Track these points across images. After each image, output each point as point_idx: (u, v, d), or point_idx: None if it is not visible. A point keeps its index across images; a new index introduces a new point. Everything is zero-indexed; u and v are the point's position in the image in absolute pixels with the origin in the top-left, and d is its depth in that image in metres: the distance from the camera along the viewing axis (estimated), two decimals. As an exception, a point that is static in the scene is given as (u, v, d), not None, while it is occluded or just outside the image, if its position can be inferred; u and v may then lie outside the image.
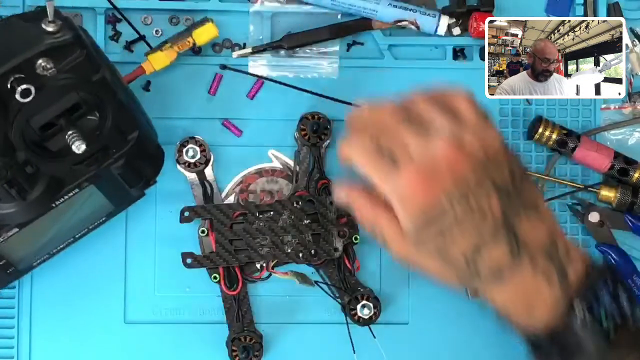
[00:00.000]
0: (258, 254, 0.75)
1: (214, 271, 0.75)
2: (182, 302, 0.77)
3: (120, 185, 0.69)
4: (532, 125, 0.78)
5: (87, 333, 0.76)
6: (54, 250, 0.72)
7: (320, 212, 0.75)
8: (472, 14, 0.77)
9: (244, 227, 0.75)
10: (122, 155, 0.66)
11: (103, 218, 0.72)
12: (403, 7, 0.77)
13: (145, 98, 0.75)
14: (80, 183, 0.66)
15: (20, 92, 0.56)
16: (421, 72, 0.79)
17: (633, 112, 0.80)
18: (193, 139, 0.75)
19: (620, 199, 0.78)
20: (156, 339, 0.76)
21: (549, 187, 0.79)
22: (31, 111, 0.58)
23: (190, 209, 0.75)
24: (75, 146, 0.60)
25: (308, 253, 0.75)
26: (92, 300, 0.76)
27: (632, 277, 0.78)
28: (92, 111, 0.62)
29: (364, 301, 0.76)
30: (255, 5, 0.77)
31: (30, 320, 0.76)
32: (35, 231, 0.68)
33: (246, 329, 0.76)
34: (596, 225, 0.79)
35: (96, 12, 0.76)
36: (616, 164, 0.78)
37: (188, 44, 0.73)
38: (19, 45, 0.57)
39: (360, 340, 0.76)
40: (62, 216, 0.68)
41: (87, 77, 0.59)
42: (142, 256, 0.77)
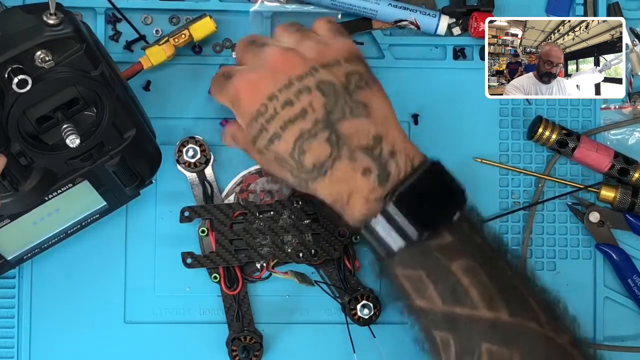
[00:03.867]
0: (258, 254, 0.75)
1: (214, 271, 0.75)
2: (182, 302, 0.77)
3: (114, 184, 0.69)
4: (532, 125, 0.78)
5: (87, 333, 0.76)
6: (46, 245, 0.72)
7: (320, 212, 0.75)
8: (472, 14, 0.77)
9: (244, 227, 0.75)
10: (118, 153, 0.66)
11: (96, 216, 0.72)
12: (403, 7, 0.77)
13: (145, 98, 0.75)
14: (74, 178, 0.66)
15: (17, 82, 0.56)
16: (421, 72, 0.79)
17: (633, 112, 0.80)
18: (193, 139, 0.75)
19: (620, 199, 0.78)
20: (156, 339, 0.76)
21: (549, 187, 0.79)
22: (28, 102, 0.59)
23: (190, 209, 0.75)
24: (69, 140, 0.60)
25: (308, 253, 0.75)
26: (92, 300, 0.76)
27: (632, 277, 0.78)
28: (90, 107, 0.62)
29: (364, 301, 0.75)
30: (255, 5, 0.77)
31: (30, 319, 0.76)
32: (27, 224, 0.68)
33: (246, 329, 0.76)
34: (596, 225, 0.79)
35: (96, 12, 0.76)
36: (616, 164, 0.78)
37: (184, 36, 0.73)
38: (19, 36, 0.57)
39: (360, 340, 0.76)
40: (54, 210, 0.68)
41: (85, 71, 0.59)
42: (142, 256, 0.77)
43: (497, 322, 0.60)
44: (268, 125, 0.63)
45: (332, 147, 0.62)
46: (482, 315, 0.60)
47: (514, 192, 0.79)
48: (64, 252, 0.75)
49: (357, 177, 0.62)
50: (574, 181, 0.79)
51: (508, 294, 0.60)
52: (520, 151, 0.79)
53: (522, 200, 0.79)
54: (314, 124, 0.62)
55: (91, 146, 0.64)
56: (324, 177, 0.62)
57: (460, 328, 0.60)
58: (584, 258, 0.80)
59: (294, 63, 0.63)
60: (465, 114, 0.79)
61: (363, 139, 0.62)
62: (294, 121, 0.62)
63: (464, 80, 0.79)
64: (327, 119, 0.62)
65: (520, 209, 0.79)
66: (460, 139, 0.79)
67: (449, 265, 0.60)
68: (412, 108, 0.79)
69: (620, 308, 0.79)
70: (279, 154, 0.63)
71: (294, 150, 0.62)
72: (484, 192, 0.79)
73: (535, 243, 0.79)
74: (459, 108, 0.79)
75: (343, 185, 0.62)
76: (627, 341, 0.79)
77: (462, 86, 0.79)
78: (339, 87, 0.63)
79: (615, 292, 0.79)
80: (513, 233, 0.79)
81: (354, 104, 0.62)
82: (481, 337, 0.60)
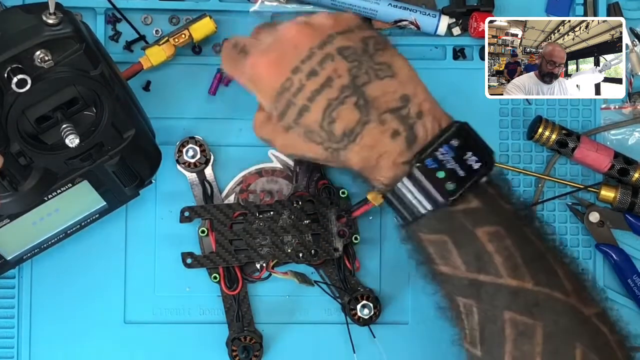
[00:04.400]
0: (258, 254, 0.75)
1: (214, 271, 0.75)
2: (182, 302, 0.77)
3: (114, 184, 0.69)
4: (532, 125, 0.78)
5: (87, 333, 0.76)
6: (46, 245, 0.72)
7: (320, 212, 0.75)
8: (472, 14, 0.77)
9: (244, 227, 0.75)
10: (117, 153, 0.66)
11: (96, 216, 0.72)
12: (403, 7, 0.77)
13: (145, 98, 0.75)
14: (74, 178, 0.66)
15: (17, 82, 0.56)
16: (421, 72, 0.78)
17: (633, 112, 0.80)
18: (193, 139, 0.75)
19: (620, 199, 0.78)
20: (156, 339, 0.77)
21: (549, 187, 0.79)
22: (27, 102, 0.59)
23: (190, 209, 0.75)
24: (68, 140, 0.60)
25: (308, 253, 0.75)
26: (92, 300, 0.76)
27: (632, 277, 0.78)
28: (89, 106, 0.62)
29: (364, 301, 0.76)
30: (255, 5, 0.77)
31: (30, 320, 0.76)
32: (27, 224, 0.68)
33: (246, 329, 0.76)
34: (596, 225, 0.79)
35: (96, 12, 0.76)
36: (616, 164, 0.78)
37: (184, 36, 0.73)
38: (18, 36, 0.57)
39: (360, 340, 0.76)
40: (54, 210, 0.68)
41: (85, 71, 0.59)
42: (142, 256, 0.77)
43: (521, 291, 0.58)
44: (295, 99, 0.61)
45: (360, 111, 0.61)
46: (506, 283, 0.59)
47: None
48: (64, 252, 0.75)
49: (386, 141, 0.61)
50: (573, 181, 0.79)
51: (534, 263, 0.59)
52: (520, 151, 0.79)
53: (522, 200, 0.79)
54: (341, 91, 0.61)
55: (90, 146, 0.64)
56: (354, 144, 0.61)
57: (484, 295, 0.59)
58: (584, 258, 0.80)
59: (311, 34, 0.62)
60: (465, 114, 0.79)
61: (391, 100, 0.61)
62: (320, 91, 0.61)
63: (464, 80, 0.79)
64: (354, 84, 0.61)
65: (520, 209, 0.79)
66: (460, 139, 0.79)
67: (475, 231, 0.59)
68: (412, 108, 0.78)
69: (620, 308, 0.79)
70: (308, 127, 0.62)
71: (323, 120, 0.61)
72: (484, 192, 0.79)
73: (535, 243, 0.79)
74: (459, 108, 0.78)
75: (373, 150, 0.61)
76: (627, 341, 0.79)
77: (462, 86, 0.79)
78: (360, 51, 0.62)
79: (615, 292, 0.79)
80: (513, 233, 0.79)
81: (377, 65, 0.61)
82: (504, 306, 0.59)
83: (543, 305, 0.58)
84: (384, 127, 0.60)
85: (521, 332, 0.58)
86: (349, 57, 0.61)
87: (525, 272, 0.59)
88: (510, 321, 0.58)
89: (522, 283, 0.59)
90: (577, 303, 0.59)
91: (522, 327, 0.58)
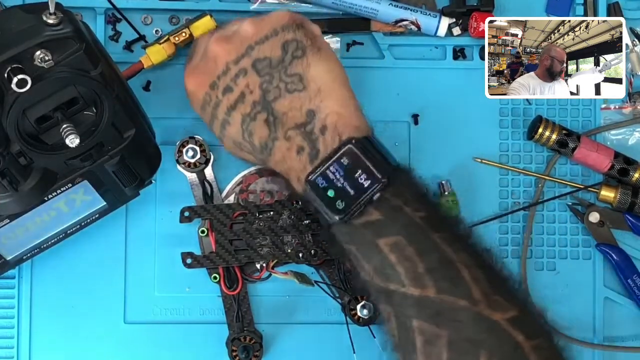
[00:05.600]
0: (258, 254, 0.75)
1: (214, 271, 0.75)
2: (182, 302, 0.77)
3: (114, 184, 0.69)
4: (532, 125, 0.78)
5: (87, 333, 0.76)
6: (46, 245, 0.72)
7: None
8: (472, 14, 0.77)
9: (244, 227, 0.75)
10: (117, 153, 0.66)
11: (96, 216, 0.72)
12: (403, 7, 0.77)
13: (145, 98, 0.75)
14: (74, 178, 0.66)
15: (17, 82, 0.56)
16: (421, 72, 0.79)
17: (633, 112, 0.80)
18: (193, 139, 0.75)
19: (620, 199, 0.78)
20: (156, 339, 0.76)
21: (549, 187, 0.79)
22: (27, 102, 0.59)
23: (190, 209, 0.75)
24: (68, 140, 0.60)
25: (308, 253, 0.75)
26: (92, 300, 0.76)
27: (632, 277, 0.78)
28: (90, 106, 0.62)
29: (364, 301, 0.75)
30: (255, 5, 0.77)
31: (30, 320, 0.76)
32: (26, 223, 0.68)
33: (246, 329, 0.76)
34: (596, 225, 0.79)
35: (96, 12, 0.76)
36: (616, 164, 0.78)
37: (184, 35, 0.73)
38: (18, 36, 0.57)
39: (360, 340, 0.76)
40: (54, 210, 0.68)
41: (85, 71, 0.59)
42: (142, 256, 0.77)
43: (424, 300, 0.59)
44: (216, 112, 0.65)
45: (269, 128, 0.63)
46: (410, 292, 0.59)
47: (514, 192, 0.79)
48: (64, 252, 0.75)
49: (292, 156, 0.63)
50: (574, 181, 0.79)
51: (437, 271, 0.59)
52: (520, 151, 0.79)
53: (522, 200, 0.79)
54: (253, 107, 0.63)
55: (91, 146, 0.64)
56: (269, 157, 0.64)
57: (395, 304, 0.60)
58: (584, 258, 0.80)
59: (230, 47, 0.64)
60: (465, 114, 0.79)
61: (297, 116, 0.63)
62: (235, 106, 0.64)
63: (464, 81, 0.79)
64: (264, 99, 0.63)
65: (520, 209, 0.79)
66: (460, 139, 0.79)
67: (377, 242, 0.60)
68: (412, 108, 0.79)
69: (620, 308, 0.79)
70: (233, 138, 0.65)
71: (243, 133, 0.64)
72: (484, 192, 0.79)
73: (535, 243, 0.79)
74: (459, 108, 0.79)
75: (284, 165, 0.63)
76: (627, 341, 0.79)
77: (462, 86, 0.79)
78: (275, 62, 0.63)
79: (615, 292, 0.79)
80: (513, 233, 0.79)
81: (289, 78, 0.63)
82: (413, 314, 0.59)
83: (445, 314, 0.59)
84: (289, 144, 0.62)
85: (427, 340, 0.59)
86: (262, 71, 0.63)
87: (428, 280, 0.59)
88: (419, 329, 0.59)
89: (425, 292, 0.59)
90: (485, 309, 0.58)
91: (428, 335, 0.59)
